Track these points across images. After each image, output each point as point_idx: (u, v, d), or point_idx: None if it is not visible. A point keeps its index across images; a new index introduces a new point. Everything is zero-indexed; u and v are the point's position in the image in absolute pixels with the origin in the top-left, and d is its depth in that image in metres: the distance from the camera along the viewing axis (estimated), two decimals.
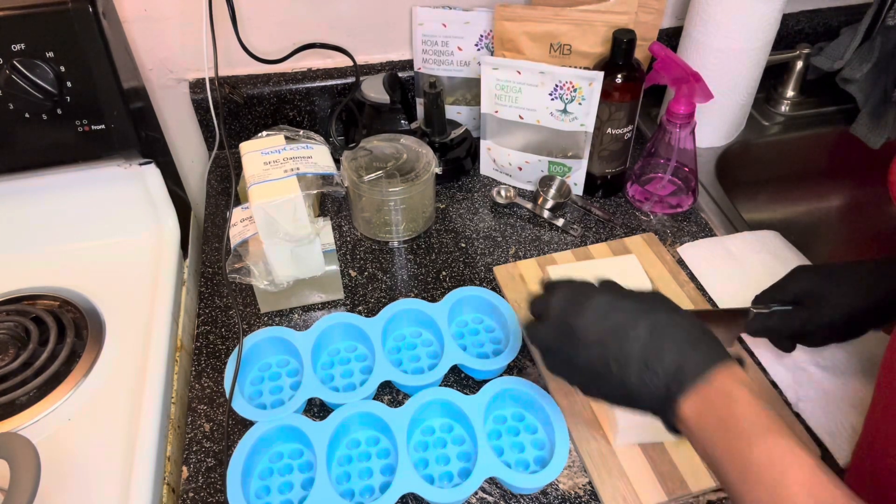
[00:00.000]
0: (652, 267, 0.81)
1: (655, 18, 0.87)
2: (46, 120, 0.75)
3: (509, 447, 0.64)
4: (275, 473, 0.63)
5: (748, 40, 0.88)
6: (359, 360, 0.72)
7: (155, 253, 0.86)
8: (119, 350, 0.75)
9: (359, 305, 0.79)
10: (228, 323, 0.77)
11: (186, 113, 0.97)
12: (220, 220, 0.91)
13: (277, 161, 0.71)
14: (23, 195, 0.83)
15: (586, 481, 0.62)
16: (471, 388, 0.70)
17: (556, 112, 0.85)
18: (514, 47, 0.89)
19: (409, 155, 0.84)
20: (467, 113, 1.00)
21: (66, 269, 0.84)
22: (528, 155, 0.91)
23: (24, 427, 0.68)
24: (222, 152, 0.99)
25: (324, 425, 0.63)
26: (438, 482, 0.62)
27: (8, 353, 0.73)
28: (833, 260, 1.07)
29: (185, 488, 0.63)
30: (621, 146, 0.87)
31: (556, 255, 0.84)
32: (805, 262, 0.81)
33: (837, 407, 0.66)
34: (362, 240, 0.88)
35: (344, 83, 0.98)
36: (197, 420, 0.68)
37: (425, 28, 0.93)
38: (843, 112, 1.04)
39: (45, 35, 0.71)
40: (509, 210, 0.91)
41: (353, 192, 0.84)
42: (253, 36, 0.92)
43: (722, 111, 0.96)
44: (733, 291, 0.78)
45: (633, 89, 0.82)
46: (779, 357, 0.71)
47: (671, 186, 0.89)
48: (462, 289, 0.75)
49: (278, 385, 0.70)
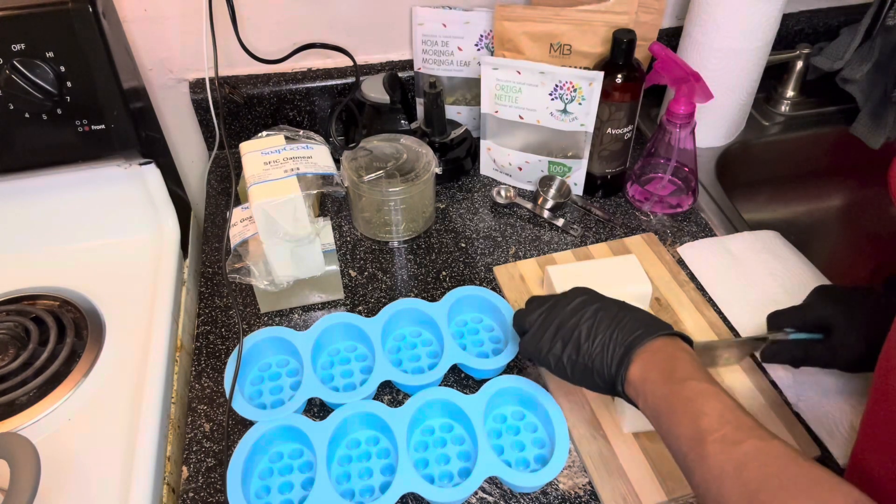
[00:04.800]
0: (652, 267, 0.81)
1: (655, 18, 0.87)
2: (46, 120, 0.75)
3: (509, 446, 0.64)
4: (275, 473, 0.63)
5: (748, 40, 0.88)
6: (359, 360, 0.72)
7: (155, 253, 0.86)
8: (119, 350, 0.75)
9: (359, 305, 0.79)
10: (228, 323, 0.77)
11: (186, 113, 0.97)
12: (220, 220, 0.91)
13: (277, 161, 0.71)
14: (23, 195, 0.83)
15: (586, 481, 0.62)
16: (471, 388, 0.70)
17: (556, 112, 0.85)
18: (514, 47, 0.89)
19: (409, 155, 0.84)
20: (467, 113, 1.00)
21: (66, 269, 0.84)
22: (528, 155, 0.91)
23: (24, 427, 0.68)
24: (222, 152, 0.99)
25: (324, 425, 0.63)
26: (438, 482, 0.62)
27: (8, 353, 0.73)
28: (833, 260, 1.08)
29: (185, 488, 0.63)
30: (621, 146, 0.87)
31: (556, 255, 0.84)
32: (805, 262, 0.81)
33: (837, 407, 0.66)
34: (362, 240, 0.88)
35: (344, 83, 0.98)
36: (197, 420, 0.68)
37: (425, 28, 0.93)
38: (843, 112, 1.04)
39: (45, 35, 0.71)
40: (509, 210, 0.92)
41: (353, 192, 0.84)
42: (253, 36, 0.92)
43: (722, 111, 0.96)
44: (733, 291, 0.78)
45: (633, 89, 0.82)
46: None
47: (671, 186, 0.89)
48: (462, 288, 0.75)
49: (278, 385, 0.70)
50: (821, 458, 0.63)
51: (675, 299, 0.77)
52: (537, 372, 0.71)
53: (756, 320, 0.74)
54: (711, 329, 0.73)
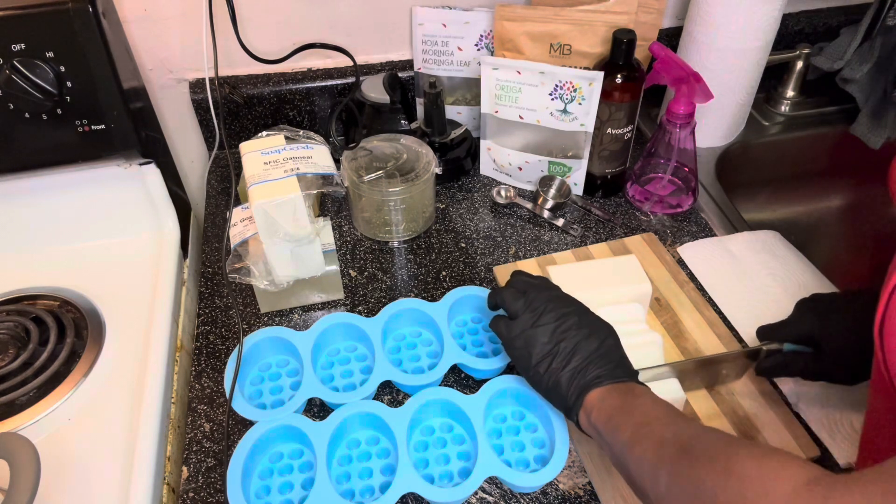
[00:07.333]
0: (652, 267, 0.81)
1: (655, 18, 0.87)
2: (46, 120, 0.75)
3: (509, 446, 0.64)
4: (275, 473, 0.63)
5: (748, 40, 0.88)
6: (359, 360, 0.72)
7: (155, 253, 0.86)
8: (119, 350, 0.75)
9: (359, 305, 0.79)
10: (228, 323, 0.77)
11: (186, 113, 0.97)
12: (220, 220, 0.91)
13: (277, 161, 0.71)
14: (23, 195, 0.83)
15: (586, 481, 0.62)
16: (471, 388, 0.70)
17: (556, 112, 0.85)
18: (514, 47, 0.89)
19: (409, 155, 0.84)
20: (467, 113, 1.00)
21: (66, 269, 0.84)
22: (528, 155, 0.91)
23: (24, 427, 0.68)
24: (222, 152, 0.99)
25: (324, 425, 0.63)
26: (438, 482, 0.62)
27: (8, 353, 0.73)
28: (833, 260, 1.08)
29: (185, 488, 0.63)
30: (621, 146, 0.87)
31: (556, 255, 0.84)
32: (805, 262, 0.81)
33: (837, 407, 0.66)
34: (362, 240, 0.88)
35: (344, 83, 0.98)
36: (197, 420, 0.68)
37: (425, 28, 0.93)
38: (843, 112, 1.04)
39: (45, 35, 0.71)
40: (509, 210, 0.92)
41: (353, 192, 0.84)
42: (253, 36, 0.92)
43: (722, 111, 0.96)
44: (733, 291, 0.78)
45: (633, 89, 0.82)
46: None
47: (671, 186, 0.89)
48: (462, 288, 0.75)
49: (278, 385, 0.70)
50: (821, 458, 0.63)
51: (675, 299, 0.77)
52: None
53: (756, 320, 0.73)
54: (711, 329, 0.73)
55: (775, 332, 0.66)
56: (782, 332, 0.65)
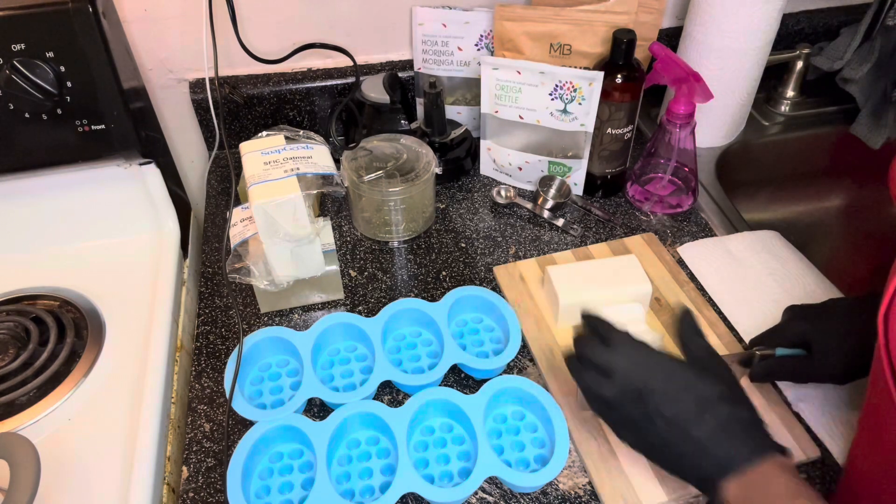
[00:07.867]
0: (652, 267, 0.81)
1: (655, 18, 0.87)
2: (46, 120, 0.75)
3: (509, 446, 0.64)
4: (275, 473, 0.63)
5: (748, 40, 0.88)
6: (359, 360, 0.72)
7: (155, 253, 0.86)
8: (119, 350, 0.75)
9: (359, 305, 0.79)
10: (228, 323, 0.77)
11: (186, 113, 0.97)
12: (220, 220, 0.91)
13: (277, 161, 0.71)
14: (23, 195, 0.83)
15: (586, 481, 0.62)
16: (471, 388, 0.70)
17: (556, 112, 0.85)
18: (514, 47, 0.89)
19: (409, 155, 0.84)
20: (467, 113, 1.00)
21: (66, 269, 0.84)
22: (528, 155, 0.91)
23: (24, 427, 0.67)
24: (222, 152, 0.99)
25: (324, 425, 0.63)
26: (438, 482, 0.62)
27: (8, 353, 0.73)
28: (833, 260, 1.08)
29: (185, 488, 0.63)
30: (621, 146, 0.87)
31: (556, 255, 0.84)
32: (805, 262, 0.81)
33: (837, 407, 0.66)
34: (362, 240, 0.88)
35: (344, 83, 0.98)
36: (197, 420, 0.68)
37: (425, 28, 0.93)
38: (843, 112, 1.04)
39: (45, 35, 0.71)
40: (509, 210, 0.92)
41: (353, 192, 0.84)
42: (253, 36, 0.92)
43: (722, 111, 0.96)
44: (733, 291, 0.78)
45: (633, 89, 0.82)
46: None
47: (671, 186, 0.89)
48: (462, 288, 0.75)
49: (278, 385, 0.70)
50: (821, 458, 0.63)
51: (675, 299, 0.77)
52: (537, 372, 0.71)
53: (756, 320, 0.74)
54: (711, 329, 0.73)
55: (767, 339, 0.66)
56: (774, 338, 0.65)
